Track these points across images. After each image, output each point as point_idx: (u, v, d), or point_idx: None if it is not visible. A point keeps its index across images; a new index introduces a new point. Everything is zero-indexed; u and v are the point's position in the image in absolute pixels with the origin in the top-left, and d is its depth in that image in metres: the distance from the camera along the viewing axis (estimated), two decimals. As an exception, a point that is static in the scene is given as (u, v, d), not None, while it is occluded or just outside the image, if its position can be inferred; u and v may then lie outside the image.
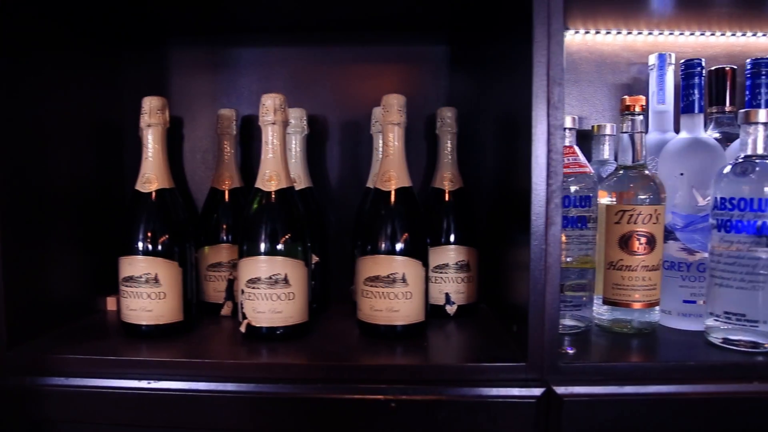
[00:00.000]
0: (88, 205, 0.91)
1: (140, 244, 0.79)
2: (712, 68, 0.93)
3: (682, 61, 0.86)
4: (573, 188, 0.82)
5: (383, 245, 0.78)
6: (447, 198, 0.90)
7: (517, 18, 0.72)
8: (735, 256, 0.75)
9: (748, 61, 0.85)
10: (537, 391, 0.68)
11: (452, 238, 0.89)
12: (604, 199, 0.83)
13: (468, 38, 0.98)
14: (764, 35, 0.99)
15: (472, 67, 0.97)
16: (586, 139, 0.97)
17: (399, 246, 0.78)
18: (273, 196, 0.78)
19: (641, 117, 0.83)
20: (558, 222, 0.68)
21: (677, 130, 0.89)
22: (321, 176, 0.99)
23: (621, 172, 0.83)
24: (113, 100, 0.98)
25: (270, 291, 0.76)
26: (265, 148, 0.79)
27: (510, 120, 0.79)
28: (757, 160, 0.75)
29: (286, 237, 0.77)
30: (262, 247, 0.77)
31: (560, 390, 0.68)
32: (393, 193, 0.79)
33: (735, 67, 0.89)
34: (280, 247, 0.77)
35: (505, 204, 0.83)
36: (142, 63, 1.00)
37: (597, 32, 0.98)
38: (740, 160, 0.76)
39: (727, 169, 0.77)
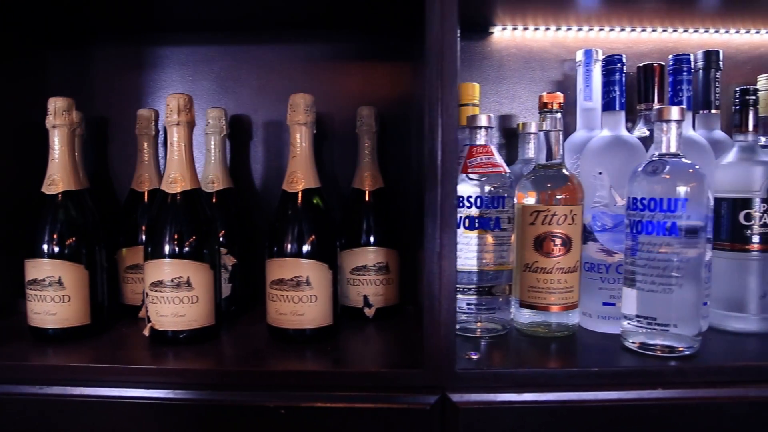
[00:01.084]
0: (9, 207, 0.91)
1: (44, 247, 0.78)
2: (641, 64, 0.90)
3: (603, 57, 0.84)
4: (487, 188, 0.80)
5: (288, 248, 0.76)
6: (367, 198, 0.89)
7: (416, 15, 0.70)
8: (646, 258, 0.72)
9: (671, 57, 0.83)
10: (432, 399, 0.67)
11: (372, 239, 0.88)
12: (521, 199, 0.81)
13: (388, 36, 0.96)
14: (696, 31, 0.97)
15: (397, 65, 0.95)
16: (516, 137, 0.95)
17: (304, 248, 0.76)
18: (178, 198, 0.77)
19: (559, 114, 0.81)
20: (452, 224, 0.66)
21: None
22: (245, 177, 0.98)
23: (538, 171, 0.81)
24: (38, 101, 0.97)
25: (172, 294, 0.75)
26: (170, 149, 0.77)
27: (418, 119, 0.78)
28: (668, 159, 0.73)
29: (190, 240, 0.76)
30: (165, 250, 0.76)
31: (456, 397, 0.67)
32: (299, 194, 0.78)
33: (664, 63, 0.87)
34: (182, 250, 0.76)
35: (416, 204, 0.81)
36: (67, 63, 0.99)
37: (525, 28, 0.96)
38: (653, 159, 0.74)
39: (640, 168, 0.74)
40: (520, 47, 0.96)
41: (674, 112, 0.73)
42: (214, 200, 0.89)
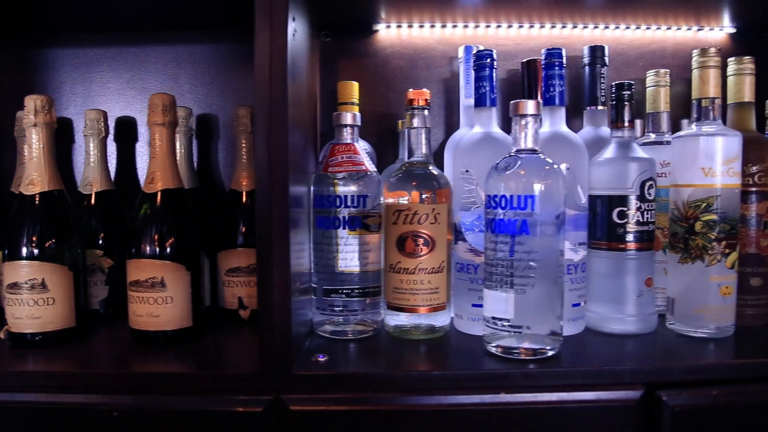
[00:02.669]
0: None
1: None
2: (524, 60, 0.88)
3: (474, 52, 0.82)
4: (352, 188, 0.79)
5: (143, 249, 0.76)
6: (243, 200, 0.87)
7: (250, 12, 0.68)
8: (499, 257, 0.70)
9: (543, 51, 0.81)
10: (265, 401, 0.65)
11: (246, 240, 0.86)
12: (386, 198, 0.79)
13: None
14: (586, 27, 0.95)
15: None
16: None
17: (159, 250, 0.75)
18: (35, 200, 0.76)
19: (425, 112, 0.79)
20: (284, 226, 0.65)
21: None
22: (131, 178, 0.97)
23: (403, 169, 0.79)
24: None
25: (27, 296, 0.75)
26: (28, 150, 0.77)
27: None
28: (522, 155, 0.71)
29: (45, 242, 0.75)
30: (21, 252, 0.75)
31: (290, 400, 0.65)
32: (157, 195, 0.77)
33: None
34: (37, 251, 0.75)
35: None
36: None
37: (410, 26, 0.94)
38: (507, 156, 0.72)
39: (494, 165, 0.72)
40: (406, 45, 0.95)
41: (530, 106, 0.71)
42: (92, 202, 0.88)
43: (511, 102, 0.72)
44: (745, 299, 0.82)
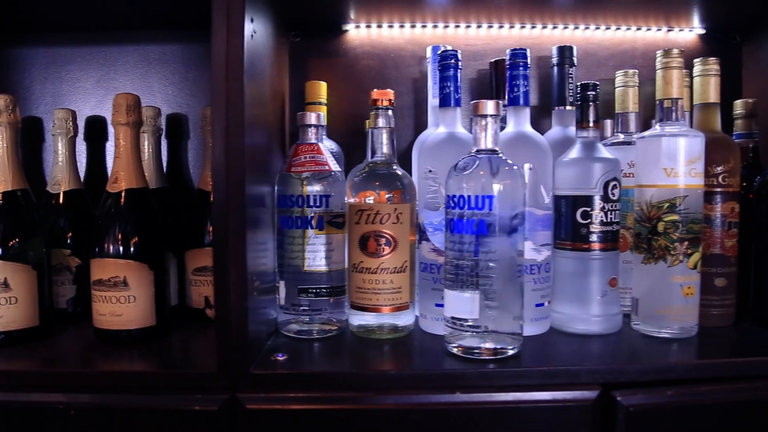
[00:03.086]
0: None
1: None
2: (492, 60, 0.89)
3: (439, 52, 0.82)
4: (316, 188, 0.79)
5: (106, 248, 0.76)
6: (211, 199, 0.87)
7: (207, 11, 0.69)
8: (458, 258, 0.70)
9: (508, 51, 0.81)
10: (221, 400, 0.65)
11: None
12: (349, 198, 0.79)
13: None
14: (555, 27, 0.95)
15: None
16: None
17: (121, 249, 0.76)
18: (-1, 199, 0.77)
19: (389, 112, 0.79)
20: (240, 226, 0.65)
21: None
22: (100, 178, 0.97)
23: (367, 169, 0.80)
24: None
25: (-12, 295, 0.75)
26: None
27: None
28: (481, 155, 0.71)
29: (8, 241, 0.76)
30: (-17, 251, 0.75)
31: (246, 399, 0.65)
32: (121, 194, 0.77)
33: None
34: (-1, 250, 0.75)
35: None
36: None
37: (379, 26, 0.94)
38: (466, 156, 0.72)
39: (454, 165, 0.72)
40: (376, 45, 0.95)
41: (489, 106, 0.71)
42: (60, 201, 0.88)
43: (471, 102, 0.72)
44: (710, 299, 0.82)
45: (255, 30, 0.69)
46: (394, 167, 0.79)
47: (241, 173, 0.64)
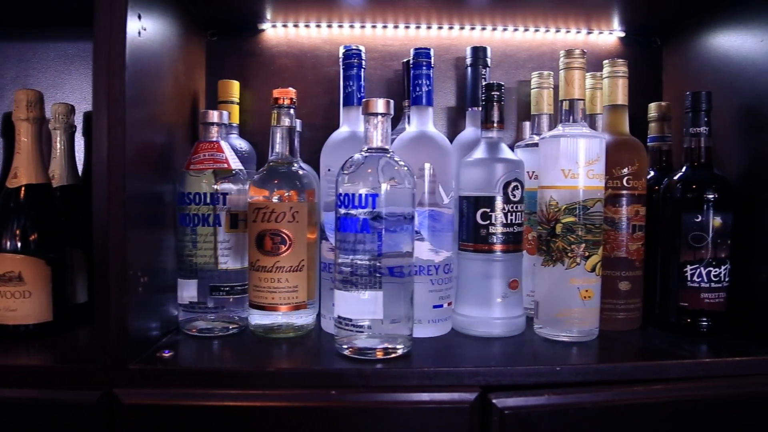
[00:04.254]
0: None
1: None
2: (404, 60, 0.89)
3: (342, 51, 0.82)
4: (214, 186, 0.79)
5: (2, 243, 0.76)
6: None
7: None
8: (344, 257, 0.70)
9: (412, 50, 0.80)
10: (96, 395, 0.65)
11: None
12: (250, 196, 0.79)
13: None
14: (473, 29, 0.94)
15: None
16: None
17: (18, 244, 0.76)
18: None
19: (291, 110, 0.79)
20: (118, 221, 0.65)
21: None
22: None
23: (267, 168, 0.80)
24: None
25: None
26: None
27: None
28: (366, 154, 0.71)
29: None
30: None
31: (123, 394, 0.65)
32: (20, 190, 0.78)
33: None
34: None
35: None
36: None
37: (296, 25, 0.94)
38: (354, 154, 0.72)
39: (343, 163, 0.72)
40: (293, 45, 0.95)
41: (379, 105, 0.71)
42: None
43: (363, 100, 0.72)
44: (615, 303, 0.81)
45: (144, 27, 0.70)
46: (295, 166, 0.79)
47: (121, 170, 0.65)
